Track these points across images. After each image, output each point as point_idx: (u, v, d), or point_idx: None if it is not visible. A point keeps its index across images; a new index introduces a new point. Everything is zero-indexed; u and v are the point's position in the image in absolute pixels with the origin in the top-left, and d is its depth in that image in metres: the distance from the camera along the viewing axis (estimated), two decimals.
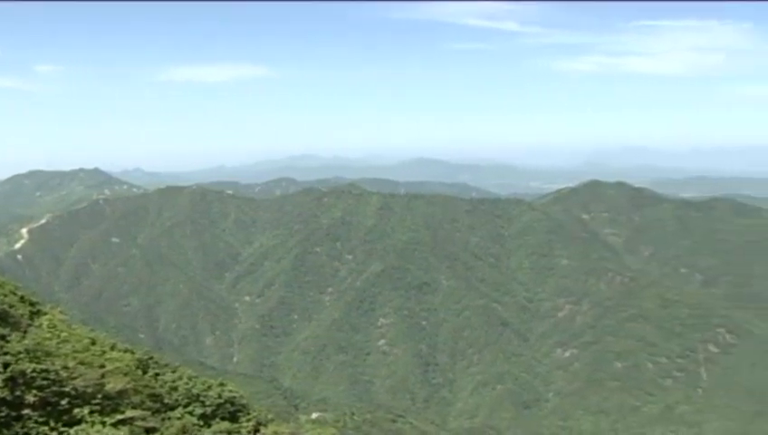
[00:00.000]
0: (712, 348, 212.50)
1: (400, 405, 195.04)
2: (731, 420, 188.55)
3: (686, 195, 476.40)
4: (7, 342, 32.24)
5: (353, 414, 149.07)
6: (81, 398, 32.07)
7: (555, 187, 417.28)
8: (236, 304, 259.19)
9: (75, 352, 35.43)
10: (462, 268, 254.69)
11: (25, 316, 39.71)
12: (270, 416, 49.46)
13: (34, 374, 31.05)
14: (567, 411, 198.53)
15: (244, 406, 45.07)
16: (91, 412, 31.71)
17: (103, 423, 31.42)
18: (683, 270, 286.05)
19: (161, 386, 41.27)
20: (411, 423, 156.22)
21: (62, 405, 31.40)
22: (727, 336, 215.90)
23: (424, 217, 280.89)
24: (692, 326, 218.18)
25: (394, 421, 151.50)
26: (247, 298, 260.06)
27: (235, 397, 44.30)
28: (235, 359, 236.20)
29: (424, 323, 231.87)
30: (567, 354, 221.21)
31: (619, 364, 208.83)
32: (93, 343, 40.11)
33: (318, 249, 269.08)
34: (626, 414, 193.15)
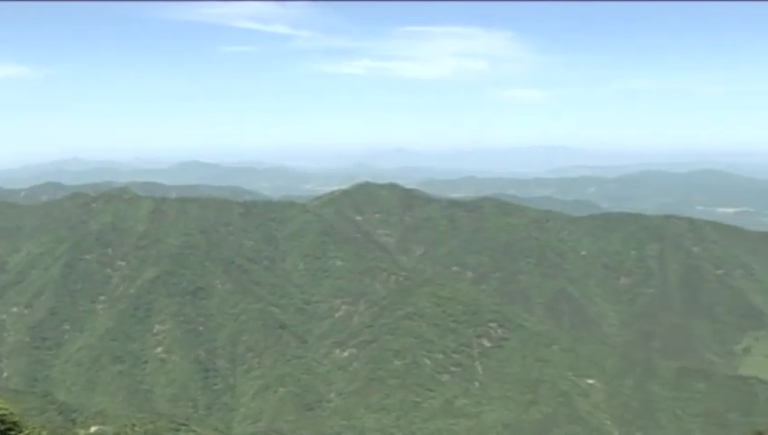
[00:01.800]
0: (485, 342, 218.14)
1: (182, 413, 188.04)
2: (507, 410, 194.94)
3: (456, 195, 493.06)
4: None
5: (134, 425, 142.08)
6: None
7: (328, 189, 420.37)
8: (4, 316, 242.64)
9: None
10: (237, 272, 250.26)
11: None
12: (44, 433, 46.06)
13: None
14: (350, 410, 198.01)
15: (15, 423, 41.45)
16: None
17: None
18: (454, 268, 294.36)
19: None
20: (195, 431, 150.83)
21: None
22: (499, 330, 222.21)
23: (197, 220, 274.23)
24: (465, 322, 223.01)
25: (177, 430, 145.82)
26: (15, 309, 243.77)
27: (4, 414, 40.91)
28: (4, 374, 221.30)
29: (201, 328, 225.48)
30: (346, 354, 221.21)
31: (397, 362, 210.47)
32: None
33: (88, 256, 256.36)
34: (408, 410, 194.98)
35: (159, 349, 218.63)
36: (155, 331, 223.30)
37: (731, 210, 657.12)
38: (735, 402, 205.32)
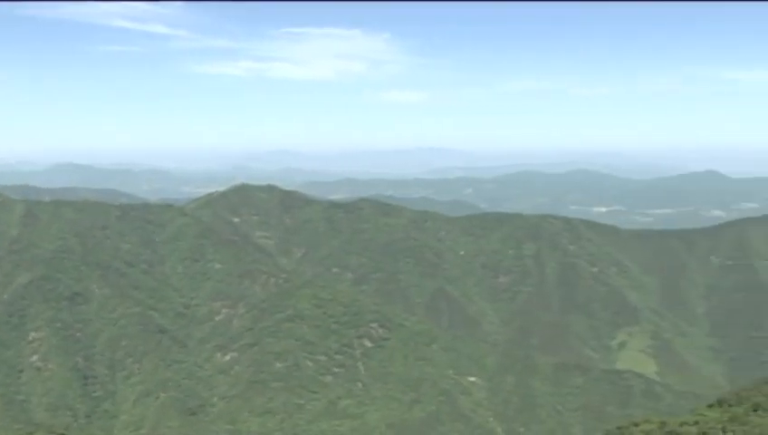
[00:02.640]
0: (367, 343, 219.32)
1: (62, 422, 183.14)
2: (391, 409, 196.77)
3: (335, 197, 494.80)
4: None
5: None
6: None
7: (206, 191, 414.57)
8: None
9: None
10: (115, 276, 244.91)
11: None
12: None
13: None
14: (233, 414, 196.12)
15: None
16: None
17: None
18: (335, 269, 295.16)
19: None
20: None
21: None
22: (380, 331, 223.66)
23: (72, 224, 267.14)
24: (347, 323, 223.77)
25: None
26: None
27: None
28: None
29: (79, 334, 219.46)
30: (228, 358, 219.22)
31: (279, 365, 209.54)
32: None
33: None
34: (291, 413, 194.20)
35: (35, 357, 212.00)
36: (30, 338, 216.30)
37: (604, 209, 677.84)
38: (612, 396, 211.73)
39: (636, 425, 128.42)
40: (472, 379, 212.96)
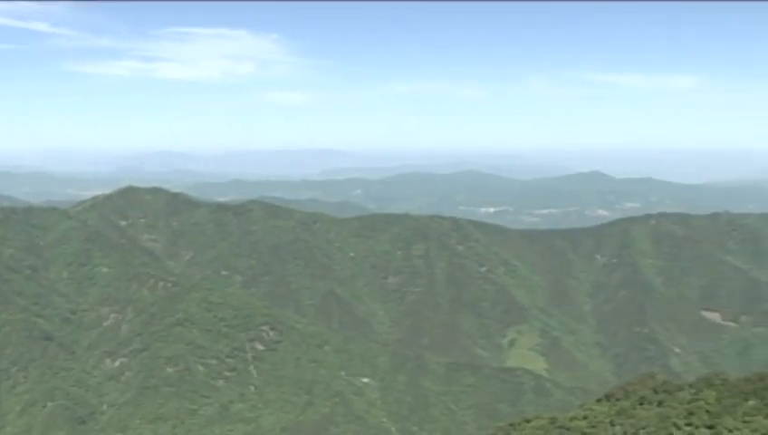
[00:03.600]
0: (258, 346, 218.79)
1: None
2: (285, 412, 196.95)
3: (223, 199, 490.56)
4: None
5: None
6: None
7: (91, 193, 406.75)
8: None
9: None
10: None
11: None
12: None
13: None
14: (124, 422, 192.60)
15: None
16: None
17: None
18: (224, 272, 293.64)
19: None
20: None
21: None
22: (271, 333, 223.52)
23: None
24: (237, 326, 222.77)
25: None
26: None
27: None
28: None
29: None
30: (117, 364, 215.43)
31: (170, 370, 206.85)
32: None
33: None
34: (184, 418, 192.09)
35: None
36: None
37: (492, 210, 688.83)
38: (504, 393, 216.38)
39: (527, 421, 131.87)
40: (365, 380, 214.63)
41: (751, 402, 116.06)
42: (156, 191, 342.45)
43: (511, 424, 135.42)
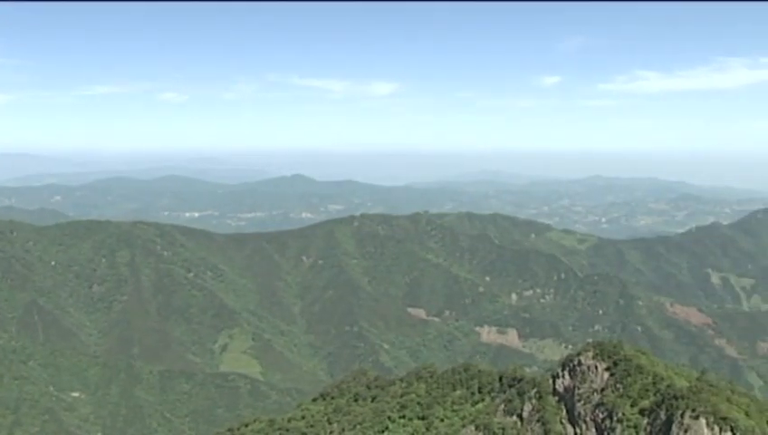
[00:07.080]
0: None
1: None
2: None
3: None
4: None
5: None
6: None
7: None
8: None
9: None
10: None
11: None
12: None
13: None
14: None
15: None
16: None
17: None
18: None
19: None
20: None
21: None
22: None
23: None
24: None
25: None
26: None
27: None
28: None
29: None
30: None
31: None
32: None
33: None
34: None
35: None
36: None
37: (197, 214, 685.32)
38: (220, 398, 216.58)
39: (246, 425, 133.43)
40: (75, 394, 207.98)
41: (458, 392, 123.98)
42: None
43: (230, 429, 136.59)
